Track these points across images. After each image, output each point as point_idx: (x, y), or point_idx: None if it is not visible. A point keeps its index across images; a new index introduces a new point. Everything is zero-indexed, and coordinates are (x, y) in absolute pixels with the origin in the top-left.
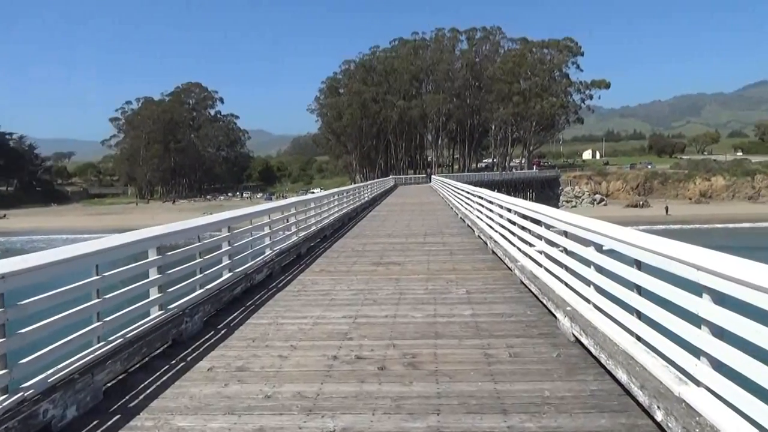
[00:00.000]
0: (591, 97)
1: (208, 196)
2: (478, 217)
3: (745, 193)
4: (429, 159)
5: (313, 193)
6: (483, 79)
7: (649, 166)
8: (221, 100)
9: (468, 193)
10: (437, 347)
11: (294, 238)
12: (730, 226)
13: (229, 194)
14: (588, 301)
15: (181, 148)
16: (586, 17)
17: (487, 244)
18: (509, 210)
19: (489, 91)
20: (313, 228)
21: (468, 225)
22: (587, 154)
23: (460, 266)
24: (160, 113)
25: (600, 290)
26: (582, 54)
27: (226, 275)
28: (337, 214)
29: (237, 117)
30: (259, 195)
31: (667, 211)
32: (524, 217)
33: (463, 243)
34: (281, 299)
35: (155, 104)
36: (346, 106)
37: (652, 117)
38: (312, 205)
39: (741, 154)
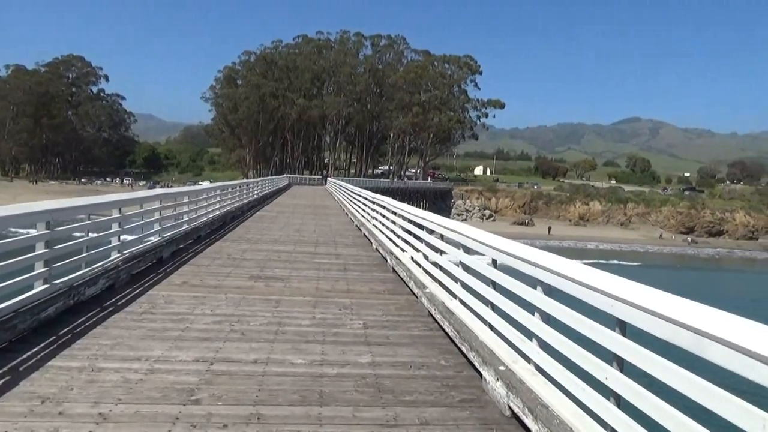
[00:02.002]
0: (486, 115)
1: (83, 179)
2: (376, 227)
3: (617, 219)
4: (326, 161)
5: (201, 185)
6: (385, 86)
7: (536, 187)
8: (106, 77)
9: (366, 199)
10: (321, 422)
11: (155, 239)
12: (601, 246)
13: (108, 179)
14: (528, 360)
15: (56, 125)
16: (484, 39)
17: (387, 260)
18: (419, 226)
19: (390, 98)
20: (185, 227)
21: (365, 235)
22: (479, 170)
23: (356, 287)
24: (34, 84)
25: (545, 345)
26: (480, 73)
27: (39, 288)
28: (218, 212)
29: (123, 98)
30: (142, 182)
31: (549, 231)
32: (439, 236)
33: (359, 256)
34: (114, 326)
35: (28, 74)
36: (244, 98)
37: (538, 140)
38: (185, 199)
39: (614, 182)
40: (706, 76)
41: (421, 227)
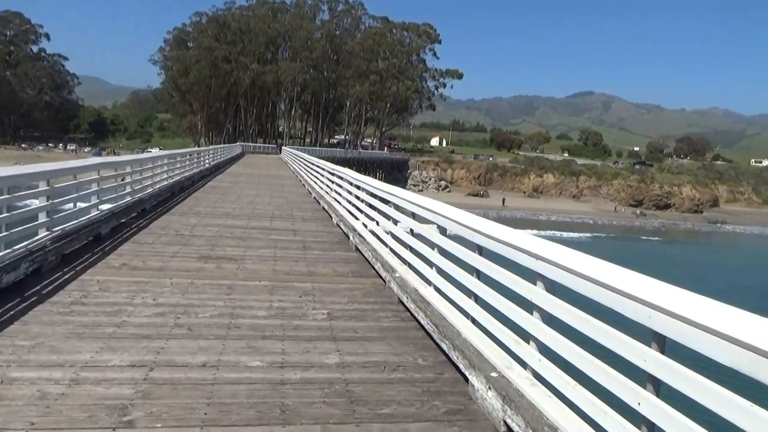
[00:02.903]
0: (444, 86)
1: (23, 144)
2: (336, 201)
3: (570, 191)
4: (281, 129)
5: (150, 152)
6: (342, 53)
7: (491, 159)
8: (47, 36)
9: (324, 170)
10: None
11: (93, 213)
12: (552, 217)
13: (50, 144)
14: (525, 365)
15: None
16: (443, 7)
17: (349, 237)
18: (384, 201)
19: (347, 66)
20: (128, 199)
21: (324, 208)
22: (435, 141)
23: (318, 269)
24: None
25: (546, 351)
26: (439, 42)
27: None
28: (165, 183)
29: (66, 58)
30: (87, 149)
31: (504, 202)
32: (410, 214)
33: (319, 232)
34: (35, 320)
35: None
36: (195, 61)
37: (494, 112)
38: (128, 169)
39: (567, 155)
40: (657, 52)
41: (387, 202)
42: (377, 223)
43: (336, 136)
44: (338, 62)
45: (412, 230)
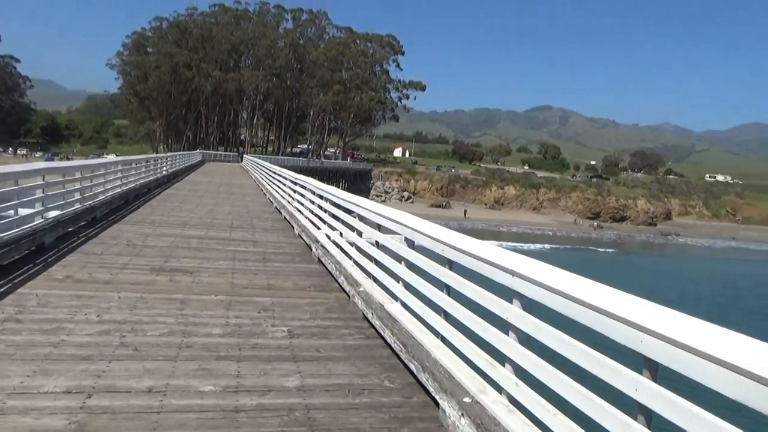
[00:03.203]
0: (407, 97)
1: None
2: (298, 210)
3: (530, 203)
4: (242, 137)
5: (106, 158)
6: (306, 62)
7: (453, 170)
8: None
9: (287, 179)
10: None
11: (36, 221)
12: (513, 229)
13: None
14: (500, 390)
15: None
16: (406, 19)
17: (311, 249)
18: (348, 211)
19: (311, 75)
20: (77, 206)
21: (285, 218)
22: (398, 152)
23: (278, 282)
24: None
25: (524, 374)
26: (403, 53)
27: None
28: (119, 189)
29: (17, 60)
30: (39, 154)
31: (465, 214)
32: (375, 225)
33: (279, 243)
34: None
35: None
36: (154, 67)
37: (455, 124)
38: (77, 174)
39: (528, 168)
40: (612, 68)
41: (351, 213)
42: (341, 234)
43: (299, 146)
44: (302, 71)
45: (377, 242)
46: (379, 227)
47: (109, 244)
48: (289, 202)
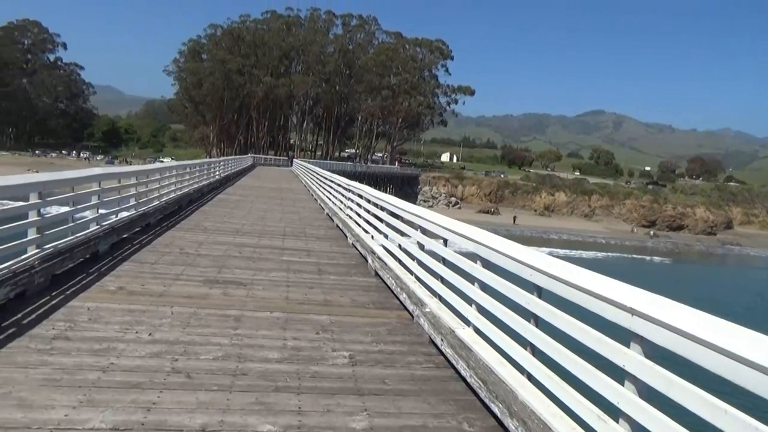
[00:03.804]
0: (456, 102)
1: (37, 151)
2: (351, 218)
3: (582, 210)
4: (292, 142)
5: (162, 162)
6: (355, 67)
7: (502, 176)
8: (64, 45)
9: (339, 185)
10: None
11: (91, 228)
12: (564, 236)
13: (64, 152)
14: None
15: (8, 93)
16: (455, 24)
17: (367, 260)
18: (415, 227)
19: (359, 80)
20: (131, 212)
21: (338, 226)
22: (445, 157)
23: (335, 297)
24: None
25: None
26: (452, 58)
27: None
28: (173, 195)
29: (81, 67)
30: (100, 157)
31: (515, 220)
32: (442, 241)
33: (333, 253)
34: (8, 360)
35: None
36: (208, 73)
37: (504, 129)
38: (132, 180)
39: (579, 173)
40: (669, 71)
41: (411, 224)
42: (399, 247)
43: (346, 150)
44: (351, 76)
45: (443, 259)
46: (445, 242)
47: (162, 253)
48: (341, 209)
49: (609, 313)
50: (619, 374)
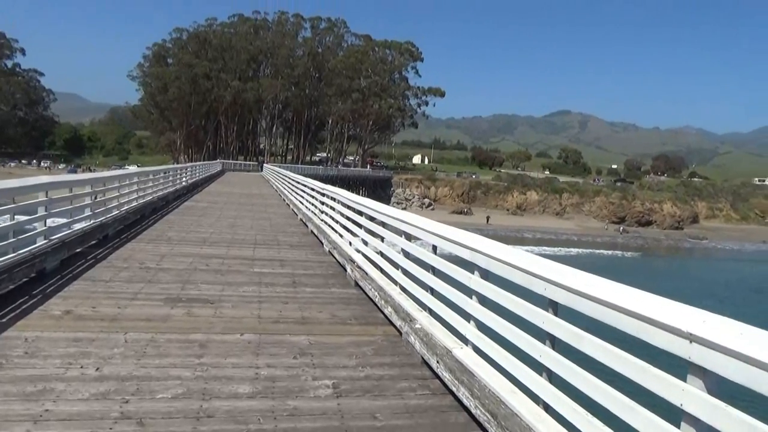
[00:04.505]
0: (426, 104)
1: None
2: (326, 223)
3: (553, 208)
4: (261, 147)
5: (127, 169)
6: (324, 70)
7: (474, 176)
8: (22, 51)
9: (312, 190)
10: None
11: (38, 243)
12: (538, 235)
13: (24, 161)
14: None
15: None
16: (423, 26)
17: (346, 269)
18: (399, 232)
19: (329, 84)
20: (86, 224)
21: (312, 232)
22: (417, 159)
23: (312, 313)
24: None
25: None
26: (422, 60)
27: None
28: (135, 203)
29: (41, 74)
30: (62, 166)
31: (488, 220)
32: (431, 247)
33: (309, 263)
34: None
35: None
36: (174, 78)
37: (473, 130)
38: (87, 188)
39: (549, 173)
40: (632, 72)
41: (398, 232)
42: (381, 255)
43: (318, 154)
44: (320, 80)
45: (433, 268)
46: (434, 249)
47: (120, 268)
48: (315, 214)
49: (657, 338)
50: (671, 411)
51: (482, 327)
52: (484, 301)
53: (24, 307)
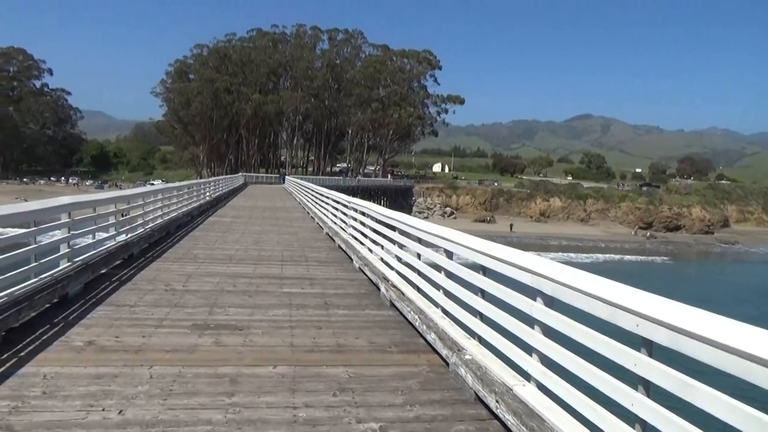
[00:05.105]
0: (446, 111)
1: (24, 179)
2: (356, 238)
3: (577, 215)
4: (282, 158)
5: (152, 184)
6: (343, 81)
7: (496, 184)
8: (50, 71)
9: (338, 203)
10: None
11: (61, 266)
12: (564, 242)
13: (53, 179)
14: None
15: None
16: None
17: (379, 288)
18: (440, 250)
19: (348, 94)
20: (110, 244)
21: (340, 246)
22: (437, 167)
23: (349, 340)
24: None
25: None
26: (440, 68)
27: None
28: (160, 220)
29: (68, 93)
30: (89, 182)
31: (511, 228)
32: (480, 269)
33: (339, 281)
34: None
35: None
36: (196, 93)
37: (493, 137)
38: (111, 208)
39: (571, 178)
40: (655, 73)
41: (438, 249)
42: (419, 273)
43: (338, 165)
44: (339, 91)
45: (483, 291)
46: (484, 271)
47: (145, 291)
48: (342, 228)
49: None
50: None
51: (547, 362)
52: (548, 332)
53: (44, 337)
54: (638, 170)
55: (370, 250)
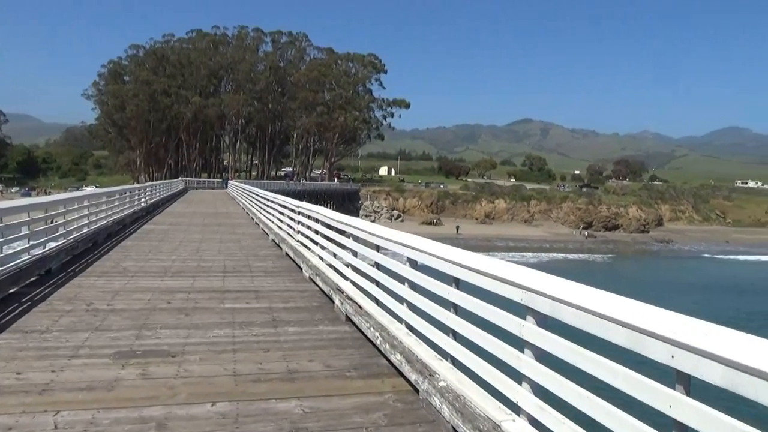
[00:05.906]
0: (392, 115)
1: None
2: (305, 245)
3: (522, 216)
4: (225, 163)
5: (85, 190)
6: (287, 84)
7: (442, 186)
8: None
9: (285, 207)
10: None
11: None
12: (511, 243)
13: None
14: None
15: None
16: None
17: (333, 300)
18: (406, 260)
19: (293, 98)
20: (22, 258)
21: (287, 254)
22: (383, 171)
23: (302, 364)
24: None
25: None
26: (385, 72)
27: None
28: (85, 230)
29: None
30: (14, 189)
31: (457, 230)
32: (453, 281)
33: (288, 293)
34: None
35: None
36: (132, 95)
37: (438, 141)
38: (24, 217)
39: (514, 180)
40: (591, 79)
41: (401, 258)
42: (378, 284)
43: (283, 168)
44: (283, 94)
45: (455, 306)
46: (456, 283)
47: (61, 312)
48: (290, 234)
49: None
50: None
51: (541, 392)
52: (541, 357)
53: None
54: (577, 172)
55: (321, 258)
